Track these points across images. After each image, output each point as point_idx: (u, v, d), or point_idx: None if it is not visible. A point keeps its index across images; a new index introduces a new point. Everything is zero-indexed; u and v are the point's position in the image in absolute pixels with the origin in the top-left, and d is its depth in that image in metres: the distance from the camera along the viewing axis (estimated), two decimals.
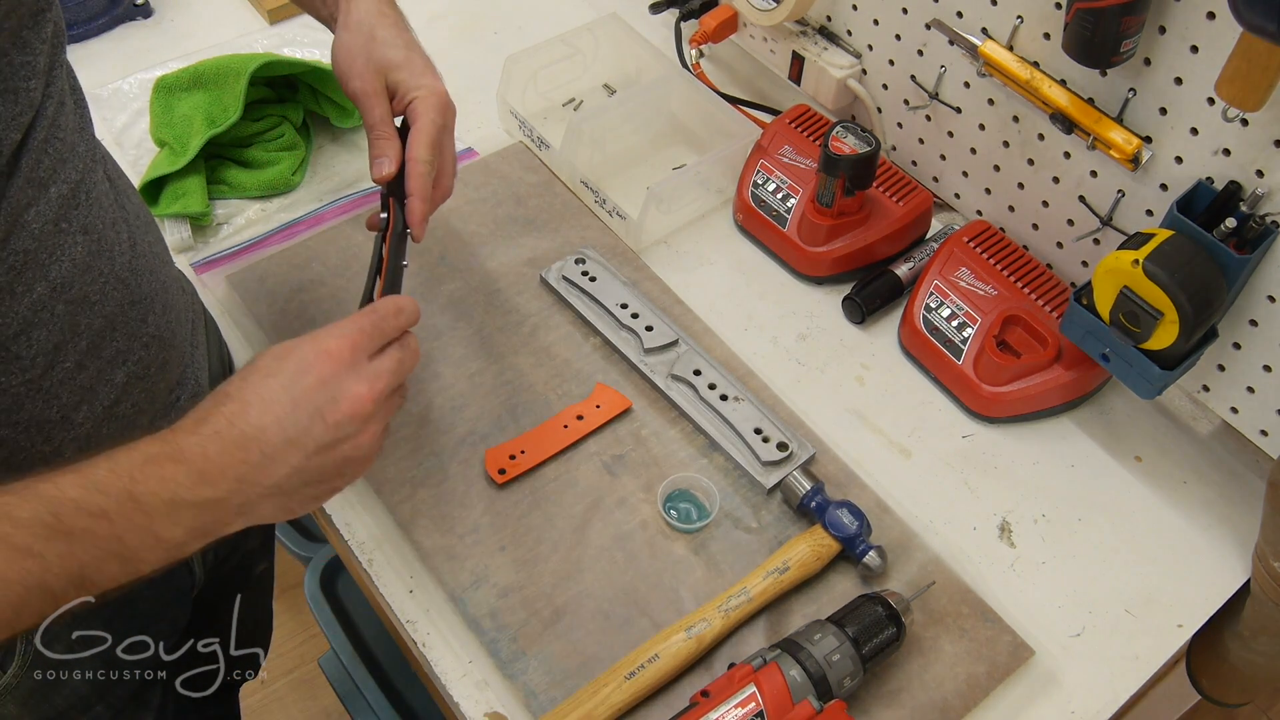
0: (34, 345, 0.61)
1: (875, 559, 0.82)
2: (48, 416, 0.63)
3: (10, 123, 0.55)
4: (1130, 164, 0.87)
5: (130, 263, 0.69)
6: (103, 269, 0.65)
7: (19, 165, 0.57)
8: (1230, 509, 0.92)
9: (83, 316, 0.64)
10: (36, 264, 0.59)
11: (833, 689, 0.72)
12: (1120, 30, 0.78)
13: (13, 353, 0.60)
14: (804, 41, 1.13)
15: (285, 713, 1.75)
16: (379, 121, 0.76)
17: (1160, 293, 0.78)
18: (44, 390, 0.62)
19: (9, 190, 0.56)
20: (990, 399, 0.94)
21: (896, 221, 1.04)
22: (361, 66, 0.75)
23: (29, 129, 0.57)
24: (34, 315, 0.60)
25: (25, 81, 0.57)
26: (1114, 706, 0.81)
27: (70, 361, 0.64)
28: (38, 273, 0.59)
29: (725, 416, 0.91)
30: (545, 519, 0.86)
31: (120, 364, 0.68)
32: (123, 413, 0.70)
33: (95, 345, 0.65)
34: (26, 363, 0.61)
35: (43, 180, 0.59)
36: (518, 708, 0.78)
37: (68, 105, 0.63)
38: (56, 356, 0.62)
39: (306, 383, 0.58)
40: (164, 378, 0.74)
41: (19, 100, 0.56)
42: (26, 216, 0.58)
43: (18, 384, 0.61)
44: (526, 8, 1.33)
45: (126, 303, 0.68)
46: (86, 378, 0.65)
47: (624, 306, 0.98)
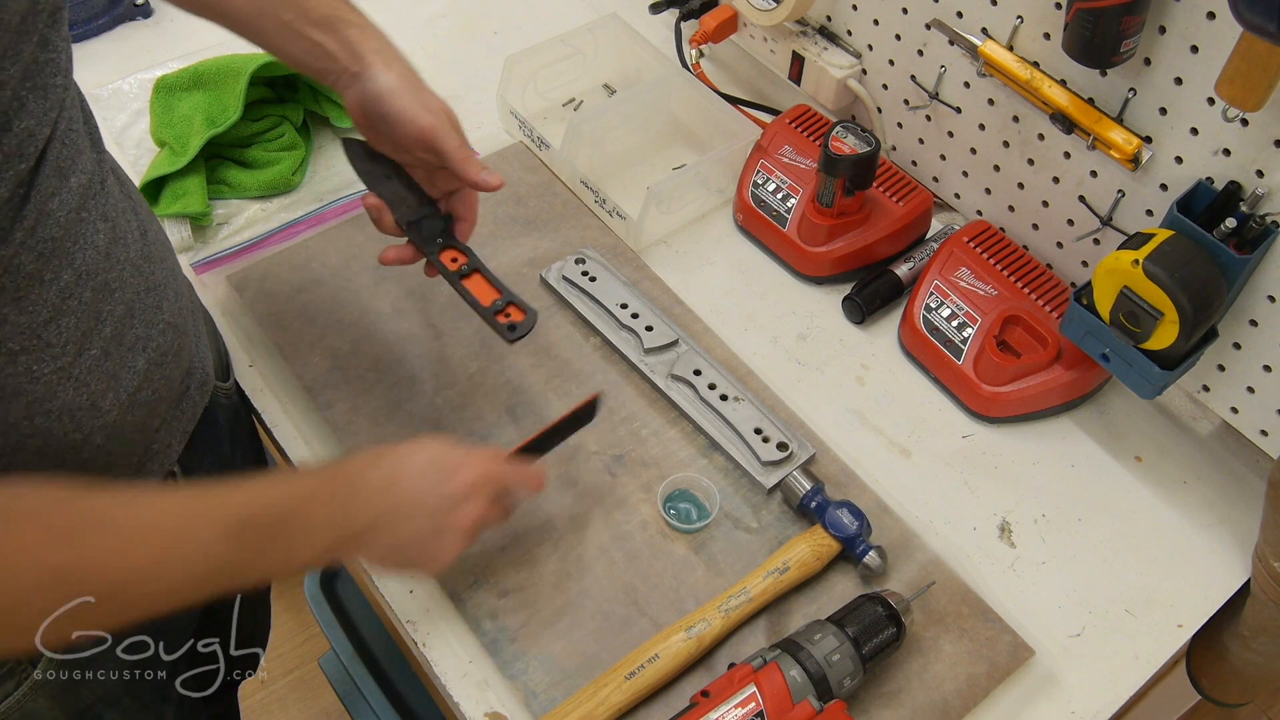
0: (63, 332, 0.63)
1: (875, 559, 0.82)
2: (78, 404, 0.65)
3: (42, 118, 0.58)
4: (1130, 164, 0.87)
5: (143, 250, 0.71)
6: (120, 256, 0.67)
7: (46, 157, 0.59)
8: (1230, 509, 0.92)
9: (105, 303, 0.66)
10: (63, 251, 0.61)
11: (833, 689, 0.72)
12: (1120, 30, 0.78)
13: (44, 340, 0.62)
14: (804, 41, 1.13)
15: (285, 713, 1.75)
16: (454, 149, 0.76)
17: (1160, 293, 0.78)
18: (74, 377, 0.64)
19: (37, 180, 0.58)
20: (990, 399, 0.94)
21: (896, 221, 1.04)
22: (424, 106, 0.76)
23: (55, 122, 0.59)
24: (62, 302, 0.62)
25: (52, 78, 0.59)
26: (1114, 706, 0.81)
27: (96, 348, 0.66)
28: (64, 260, 0.61)
29: (725, 416, 0.91)
30: (545, 519, 0.86)
31: (140, 350, 0.70)
32: (144, 399, 0.71)
33: (118, 332, 0.67)
34: (57, 350, 0.63)
35: (64, 170, 0.61)
36: (518, 708, 0.78)
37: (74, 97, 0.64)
38: (84, 344, 0.64)
39: (442, 464, 0.71)
40: (177, 365, 0.76)
41: (48, 96, 0.58)
42: (51, 205, 0.60)
43: (50, 371, 0.63)
44: (526, 8, 1.33)
45: (143, 289, 0.70)
46: (112, 364, 0.67)
47: (624, 306, 0.98)
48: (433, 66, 0.82)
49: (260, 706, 1.75)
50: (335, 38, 0.76)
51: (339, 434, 0.91)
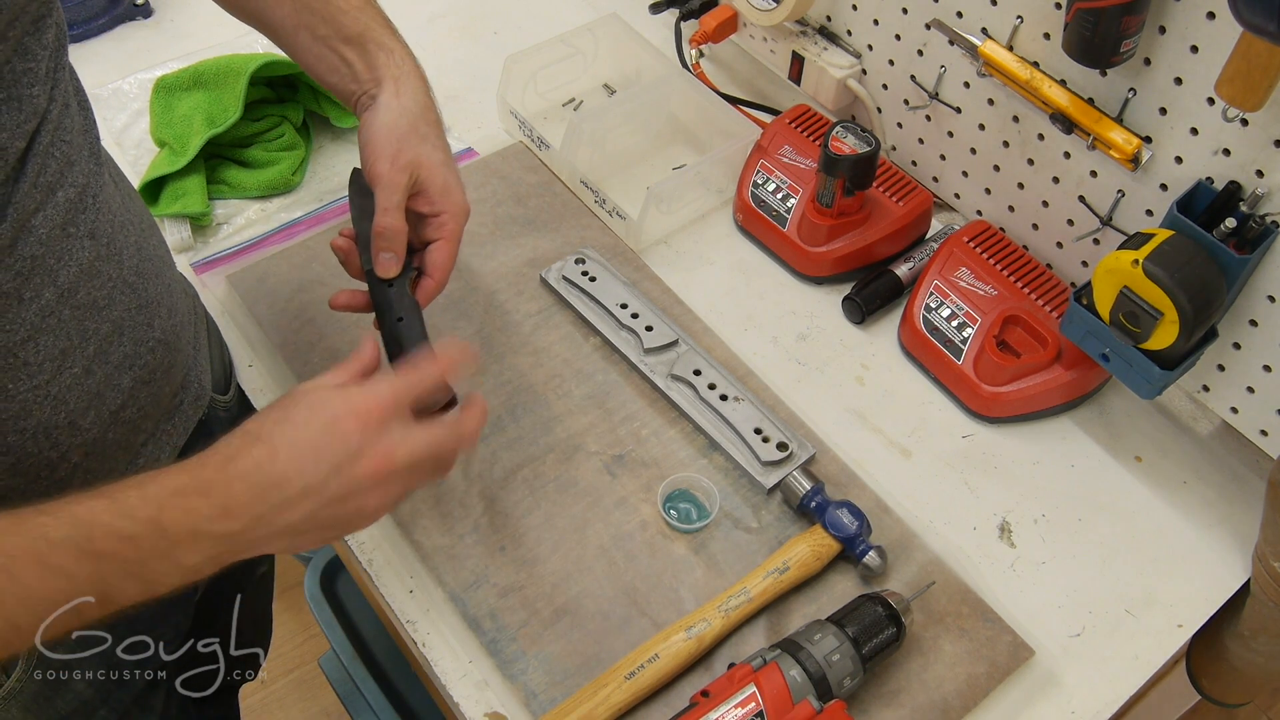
0: (41, 351, 0.61)
1: (875, 559, 0.82)
2: (55, 422, 0.63)
3: (15, 130, 0.56)
4: (1130, 164, 0.87)
5: (137, 266, 0.69)
6: (110, 274, 0.65)
7: (24, 170, 0.57)
8: (1230, 509, 0.92)
9: (90, 321, 0.64)
10: (44, 269, 0.59)
11: (833, 689, 0.72)
12: (1120, 30, 0.78)
13: (20, 359, 0.60)
14: (804, 41, 1.13)
15: (285, 713, 1.75)
16: (393, 208, 0.73)
17: (1160, 293, 0.78)
18: (51, 396, 0.62)
19: (14, 196, 0.56)
20: (990, 399, 0.94)
21: (896, 221, 1.04)
22: (395, 152, 0.73)
23: (34, 134, 0.58)
24: (41, 321, 0.60)
25: (29, 88, 0.57)
26: (1114, 706, 0.81)
27: (78, 367, 0.64)
28: (46, 278, 0.60)
29: (725, 416, 0.91)
30: (545, 519, 0.86)
31: (127, 369, 0.68)
32: (128, 417, 0.70)
33: (103, 350, 0.65)
34: (34, 369, 0.61)
35: (49, 185, 0.59)
36: (518, 708, 0.78)
37: (72, 109, 0.63)
38: (64, 362, 0.63)
39: (333, 438, 0.60)
40: (168, 382, 0.74)
41: (23, 107, 0.56)
42: (34, 221, 0.58)
43: (25, 390, 0.61)
44: (526, 8, 1.33)
45: (134, 307, 0.68)
46: (94, 383, 0.65)
47: (624, 306, 0.98)
48: (433, 66, 0.81)
49: (260, 706, 1.75)
50: (363, 58, 0.74)
51: None
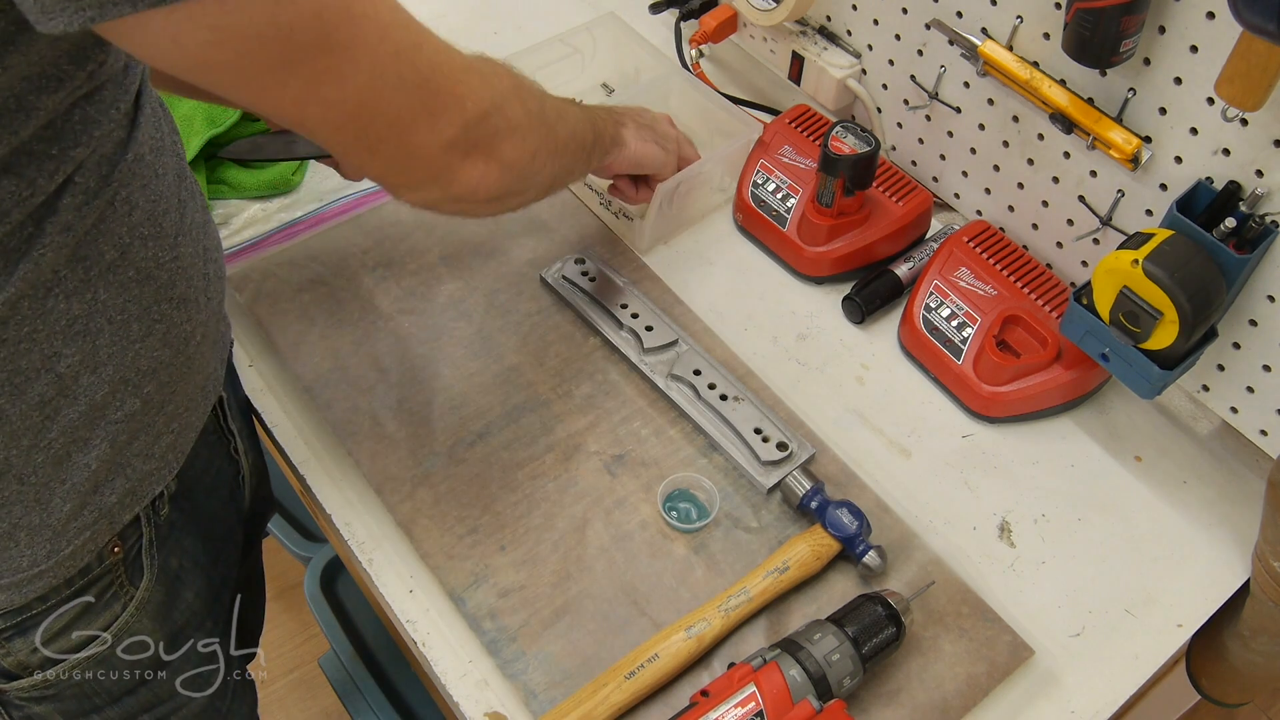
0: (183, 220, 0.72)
1: (875, 559, 0.82)
2: (188, 295, 0.71)
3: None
4: (1130, 164, 0.87)
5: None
6: (188, 173, 0.76)
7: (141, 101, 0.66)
8: (1230, 509, 0.92)
9: (190, 201, 0.74)
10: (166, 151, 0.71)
11: (832, 689, 0.72)
12: (1120, 30, 0.78)
13: (178, 226, 0.70)
14: (804, 41, 1.13)
15: (285, 713, 1.75)
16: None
17: (1160, 293, 0.78)
18: (183, 267, 0.71)
19: None
20: (990, 399, 0.94)
21: (896, 221, 1.04)
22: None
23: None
24: (173, 192, 0.70)
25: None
26: (1114, 706, 0.81)
27: (196, 243, 0.73)
28: (171, 158, 0.71)
29: (725, 416, 0.91)
30: (545, 519, 0.86)
31: (212, 260, 0.78)
32: (217, 308, 0.78)
33: (207, 235, 0.77)
34: (177, 238, 0.70)
35: None
36: (518, 708, 0.78)
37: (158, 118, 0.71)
38: (189, 233, 0.72)
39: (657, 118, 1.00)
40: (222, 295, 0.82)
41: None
42: None
43: (169, 260, 0.68)
44: (526, 7, 1.33)
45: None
46: (211, 268, 0.76)
47: (624, 306, 0.98)
48: None
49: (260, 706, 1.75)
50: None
51: (339, 434, 0.91)
